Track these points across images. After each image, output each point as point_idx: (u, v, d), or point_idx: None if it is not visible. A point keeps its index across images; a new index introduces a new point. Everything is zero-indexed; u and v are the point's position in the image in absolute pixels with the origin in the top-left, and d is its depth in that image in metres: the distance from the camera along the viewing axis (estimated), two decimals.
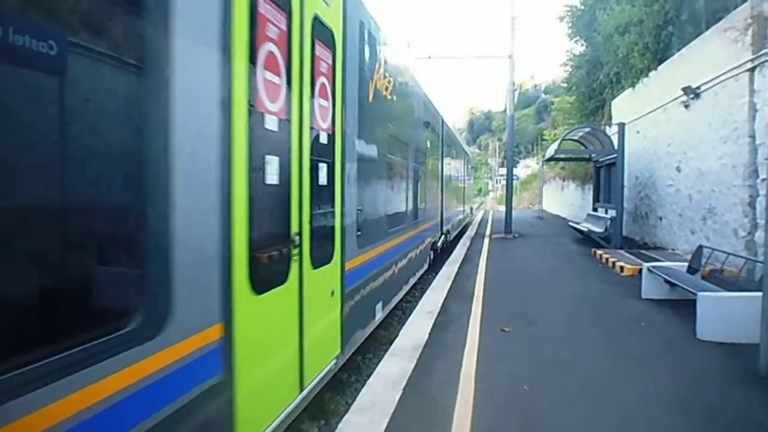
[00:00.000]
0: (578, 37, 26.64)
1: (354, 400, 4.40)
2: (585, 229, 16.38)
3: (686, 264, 8.31)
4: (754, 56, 9.75)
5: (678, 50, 13.89)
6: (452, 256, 13.28)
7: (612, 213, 14.85)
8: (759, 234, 9.43)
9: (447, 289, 8.93)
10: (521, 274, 10.78)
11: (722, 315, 6.12)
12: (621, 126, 14.60)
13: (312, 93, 4.11)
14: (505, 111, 20.03)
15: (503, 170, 39.05)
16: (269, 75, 3.35)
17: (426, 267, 11.18)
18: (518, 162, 68.76)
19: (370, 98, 6.04)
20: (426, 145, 11.20)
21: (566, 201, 31.21)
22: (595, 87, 23.71)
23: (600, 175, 17.89)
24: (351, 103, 5.22)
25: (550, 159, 20.71)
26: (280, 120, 3.56)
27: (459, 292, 8.74)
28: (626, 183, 15.55)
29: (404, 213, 8.55)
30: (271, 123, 3.43)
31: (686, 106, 12.65)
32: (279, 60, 3.50)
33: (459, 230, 19.49)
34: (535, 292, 8.93)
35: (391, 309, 7.61)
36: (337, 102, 4.77)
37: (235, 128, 2.88)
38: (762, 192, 9.47)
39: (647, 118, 15.50)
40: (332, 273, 4.70)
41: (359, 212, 5.55)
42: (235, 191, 2.90)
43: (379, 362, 5.36)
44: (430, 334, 6.23)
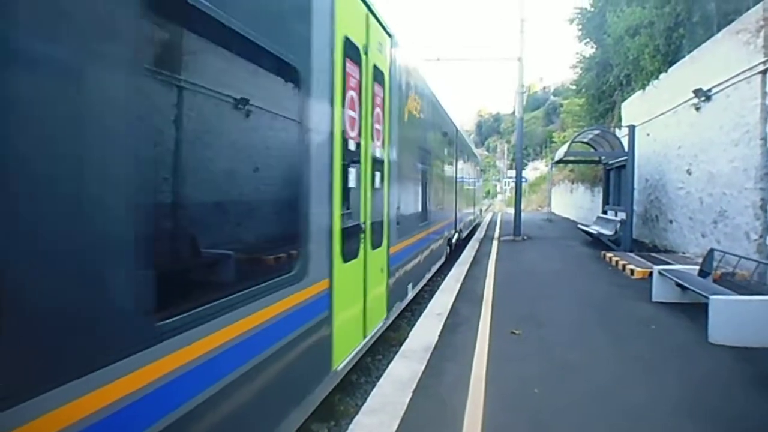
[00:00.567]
0: (588, 39, 26.57)
1: (364, 402, 4.41)
2: (594, 232, 16.31)
3: (697, 267, 8.27)
4: (767, 58, 9.69)
5: (689, 52, 13.83)
6: (461, 258, 13.27)
7: (622, 216, 14.78)
8: None
9: (456, 292, 8.93)
10: (530, 277, 10.76)
11: (734, 319, 6.09)
12: (631, 128, 14.53)
13: (371, 120, 5.47)
14: (514, 113, 20.01)
15: (512, 172, 38.92)
16: (350, 112, 4.74)
17: (443, 260, 12.26)
18: (527, 164, 68.49)
19: (405, 118, 7.38)
20: (444, 153, 12.29)
21: (575, 203, 31.08)
22: (605, 89, 23.63)
23: (610, 178, 17.80)
24: (393, 124, 6.53)
25: (560, 161, 20.64)
26: (356, 142, 4.92)
27: (468, 295, 8.74)
28: (636, 186, 15.47)
29: (427, 212, 9.72)
30: (351, 144, 4.77)
31: (697, 109, 12.58)
32: (355, 100, 4.88)
33: (470, 229, 20.72)
34: (545, 295, 8.90)
35: (401, 311, 7.71)
36: (385, 125, 6.14)
37: (335, 150, 4.31)
38: None
39: (657, 121, 15.42)
40: (382, 254, 6.08)
41: (398, 210, 6.87)
42: (335, 194, 4.30)
43: (389, 364, 5.37)
44: (440, 336, 6.23)
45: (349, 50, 4.78)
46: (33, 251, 1.67)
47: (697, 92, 12.25)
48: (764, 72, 9.79)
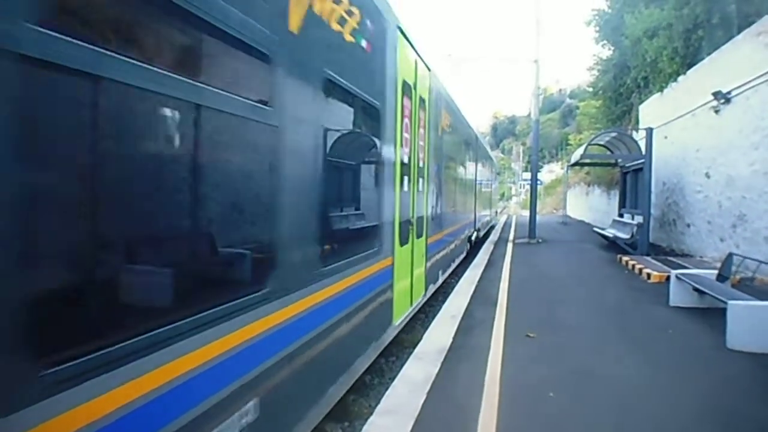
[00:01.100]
0: (605, 41, 26.36)
1: (378, 403, 4.42)
2: (610, 235, 16.17)
3: (715, 272, 8.16)
4: None
5: (708, 54, 13.67)
6: (475, 260, 13.24)
7: (638, 219, 14.63)
8: None
9: (470, 294, 8.91)
10: (545, 280, 10.70)
11: (753, 324, 6.00)
12: (649, 131, 14.39)
13: (417, 138, 6.92)
14: (530, 115, 19.93)
15: (527, 175, 38.71)
16: (405, 134, 6.25)
17: (465, 254, 13.90)
18: (542, 167, 67.96)
19: (439, 134, 8.91)
20: (465, 160, 13.82)
21: (591, 206, 30.83)
22: (622, 91, 23.44)
23: (626, 181, 17.63)
24: (431, 140, 8.00)
25: (576, 164, 20.50)
26: (408, 156, 6.45)
27: (482, 297, 8.72)
28: (653, 189, 15.30)
29: (453, 212, 11.39)
30: (405, 158, 6.30)
31: (716, 112, 12.43)
32: (408, 124, 6.38)
33: (486, 229, 22.31)
34: (560, 298, 8.85)
35: (415, 313, 7.79)
36: (426, 141, 7.60)
37: (396, 163, 5.86)
38: None
39: (676, 124, 15.26)
40: (423, 243, 7.67)
41: (433, 209, 8.43)
42: (397, 196, 5.92)
43: (403, 365, 5.37)
44: (454, 339, 6.23)
45: (405, 89, 6.30)
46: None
47: (717, 95, 12.10)
48: None
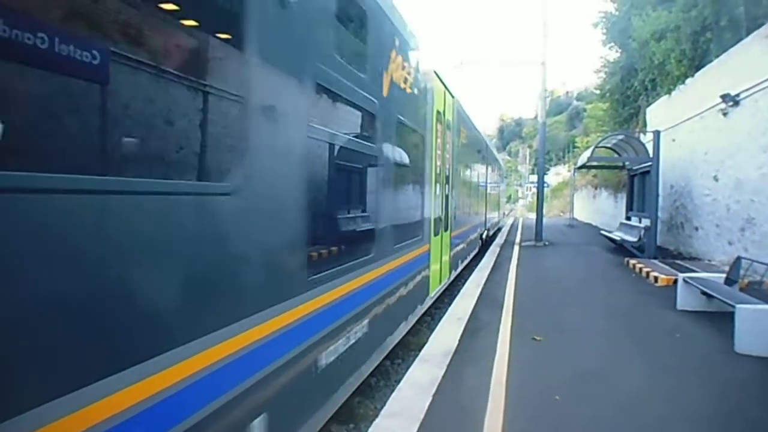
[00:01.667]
0: (612, 44, 26.26)
1: (383, 405, 4.42)
2: (618, 238, 16.11)
3: (724, 275, 8.11)
4: None
5: (716, 57, 13.60)
6: (482, 263, 13.22)
7: (646, 222, 14.57)
8: None
9: (477, 297, 8.90)
10: (552, 283, 10.67)
11: (762, 328, 5.96)
12: (656, 134, 14.32)
13: (444, 152, 8.78)
14: (536, 118, 19.90)
15: (533, 177, 38.61)
16: (438, 151, 8.14)
17: (477, 249, 15.77)
18: (549, 169, 67.73)
19: (459, 147, 10.88)
20: (477, 167, 15.73)
21: (598, 209, 30.71)
22: (630, 94, 23.33)
23: (634, 184, 17.56)
24: (453, 152, 9.97)
25: (583, 166, 20.45)
26: (439, 167, 8.32)
27: (489, 300, 8.70)
28: (661, 192, 15.23)
29: (468, 212, 13.39)
30: (437, 169, 8.18)
31: (724, 114, 12.36)
32: (439, 143, 8.27)
33: (495, 230, 23.79)
34: (567, 301, 8.82)
35: (421, 315, 7.83)
36: (450, 154, 9.54)
37: (432, 173, 7.72)
38: None
39: (683, 126, 15.18)
40: (448, 236, 9.55)
41: (455, 209, 10.29)
42: (432, 198, 7.68)
43: (409, 368, 5.37)
44: (460, 341, 6.22)
45: (438, 116, 8.18)
46: None
47: (725, 97, 12.03)
48: None
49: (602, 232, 19.48)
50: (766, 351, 5.82)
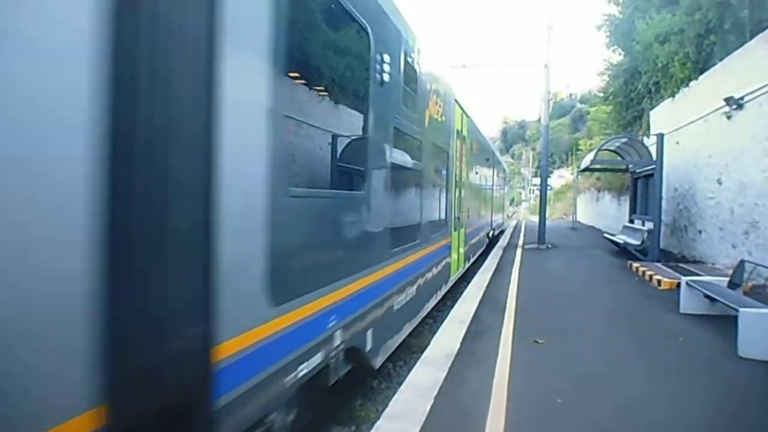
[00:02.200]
0: (616, 47, 26.18)
1: (385, 408, 4.41)
2: (621, 241, 16.08)
3: (727, 279, 8.08)
4: None
5: (720, 60, 13.58)
6: (484, 266, 13.21)
7: (649, 225, 14.53)
8: None
9: (479, 299, 8.88)
10: (555, 286, 10.65)
11: (765, 332, 5.92)
12: (660, 137, 14.30)
13: (461, 163, 10.61)
14: (540, 120, 19.87)
15: (537, 180, 38.55)
16: (457, 162, 10.14)
17: (484, 247, 17.30)
18: (552, 172, 67.55)
19: (471, 156, 12.69)
20: (485, 173, 17.21)
21: (601, 212, 30.66)
22: (633, 97, 23.26)
23: (637, 187, 17.52)
24: (467, 161, 11.88)
25: (586, 169, 20.41)
26: (458, 175, 10.27)
27: (491, 302, 8.68)
28: (664, 195, 15.19)
29: (478, 213, 15.00)
30: (457, 177, 10.14)
31: (728, 117, 12.34)
32: (458, 155, 10.22)
33: (499, 230, 25.09)
34: (569, 304, 8.81)
35: (423, 318, 7.93)
36: (465, 163, 11.40)
37: (453, 180, 9.72)
38: None
39: (687, 129, 15.16)
40: (463, 232, 11.25)
41: (468, 210, 12.09)
42: (453, 200, 9.75)
43: (410, 370, 5.36)
44: (462, 344, 6.20)
45: (457, 134, 10.11)
46: None
47: (729, 100, 12.01)
48: None
49: (605, 235, 19.43)
50: None
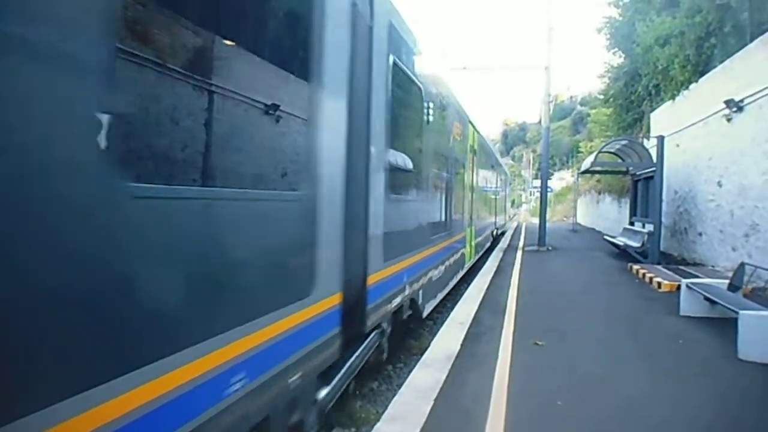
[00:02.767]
0: (616, 49, 26.24)
1: (385, 410, 4.41)
2: (621, 244, 16.08)
3: (727, 281, 8.07)
4: None
5: (720, 62, 13.59)
6: (484, 268, 13.20)
7: (649, 227, 14.53)
8: None
9: (479, 301, 8.88)
10: (555, 288, 10.65)
11: (765, 334, 5.92)
12: (660, 139, 14.31)
13: (473, 171, 13.05)
14: (540, 122, 19.90)
15: (537, 182, 38.55)
16: (469, 171, 12.51)
17: (491, 243, 19.64)
18: (552, 174, 67.56)
19: (481, 165, 14.83)
20: (491, 178, 19.44)
21: (601, 214, 30.66)
22: (633, 99, 23.30)
23: (637, 189, 17.53)
24: (477, 169, 13.80)
25: (586, 171, 20.43)
26: (471, 180, 12.75)
27: (491, 304, 8.69)
28: (664, 197, 15.20)
29: (485, 213, 17.34)
30: (471, 182, 12.67)
31: (728, 120, 12.35)
32: (471, 165, 12.59)
33: (502, 230, 27.19)
34: (569, 306, 8.81)
35: (423, 320, 7.99)
36: (476, 170, 13.59)
37: (468, 185, 12.32)
38: None
39: (687, 132, 15.17)
40: (474, 228, 13.16)
41: (477, 210, 13.99)
42: (467, 201, 12.17)
43: (410, 372, 5.36)
44: (462, 345, 6.20)
45: (470, 148, 12.30)
46: None
47: (729, 103, 12.02)
48: None
49: (605, 237, 19.43)
50: None
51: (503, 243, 20.98)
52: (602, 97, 32.16)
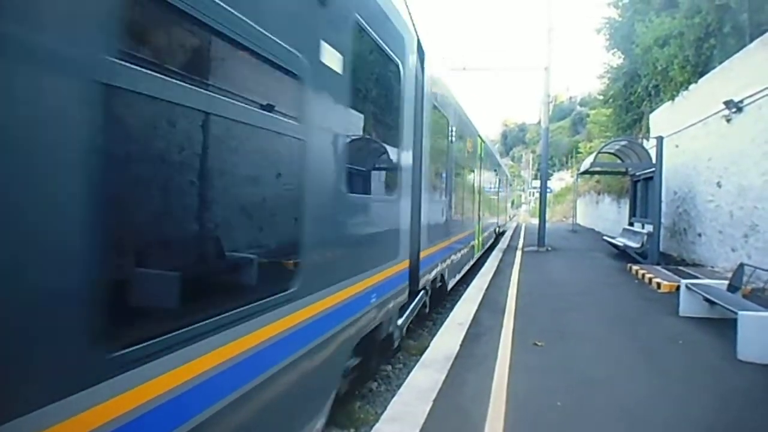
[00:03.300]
0: (616, 50, 26.23)
1: (384, 410, 4.41)
2: (620, 244, 16.09)
3: (726, 282, 8.08)
4: None
5: (720, 63, 13.60)
6: (484, 268, 13.21)
7: (649, 228, 14.54)
8: None
9: (479, 301, 8.88)
10: (554, 288, 10.65)
11: (764, 335, 5.93)
12: (659, 140, 14.31)
13: (481, 176, 15.25)
14: (540, 123, 19.92)
15: (536, 182, 38.58)
16: (478, 177, 14.61)
17: (494, 239, 21.71)
18: (552, 175, 67.43)
19: (487, 171, 17.31)
20: (495, 182, 21.97)
21: (601, 215, 30.67)
22: (633, 100, 23.29)
23: (637, 190, 17.53)
24: (484, 174, 16.03)
25: (586, 172, 20.44)
26: (478, 185, 14.71)
27: (491, 305, 8.69)
28: (664, 198, 15.20)
29: (489, 213, 18.88)
30: (478, 187, 14.63)
31: (728, 121, 12.36)
32: (479, 171, 14.72)
33: (503, 229, 28.99)
34: (569, 307, 8.81)
35: (423, 320, 8.04)
36: (483, 175, 15.91)
37: (477, 189, 14.38)
38: None
39: (686, 132, 15.17)
40: (481, 225, 15.28)
41: (483, 209, 15.84)
42: (476, 202, 14.28)
43: (410, 373, 5.36)
44: (462, 346, 6.20)
45: (479, 157, 14.38)
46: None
47: (728, 104, 12.03)
48: None
49: (605, 238, 19.43)
50: None
51: (503, 243, 20.98)
52: (602, 98, 32.14)
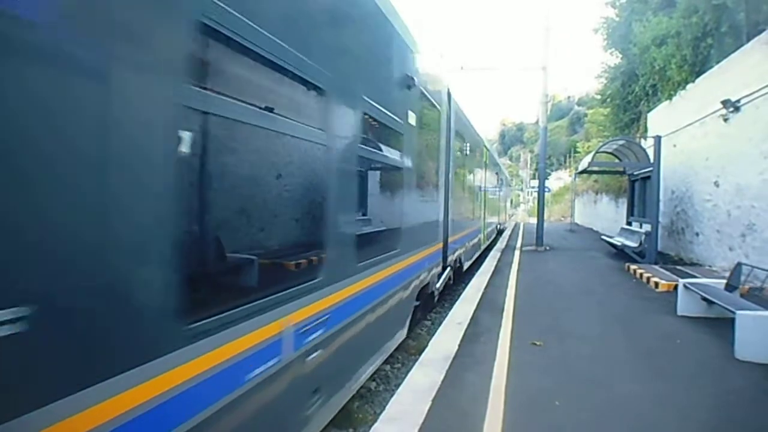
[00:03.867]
0: (613, 49, 26.27)
1: (383, 410, 4.41)
2: (618, 244, 16.10)
3: (724, 281, 8.10)
4: None
5: (717, 63, 13.62)
6: (482, 268, 13.22)
7: (647, 227, 14.56)
8: None
9: (477, 301, 8.88)
10: (552, 288, 10.66)
11: (762, 335, 5.94)
12: (657, 139, 14.33)
13: (486, 180, 17.53)
14: (538, 122, 19.96)
15: (535, 182, 38.67)
16: (483, 180, 16.55)
17: (495, 235, 23.98)
18: (550, 174, 67.49)
19: (491, 176, 20.25)
20: (497, 185, 24.49)
21: (599, 214, 30.70)
22: (631, 99, 23.33)
23: (634, 189, 17.55)
24: (488, 177, 18.22)
25: (584, 171, 20.45)
26: (483, 189, 16.75)
27: (489, 304, 8.69)
28: (662, 197, 15.21)
29: (492, 212, 20.62)
30: (483, 189, 16.71)
31: (725, 120, 12.37)
32: (484, 176, 16.89)
33: (502, 226, 31.16)
34: (567, 307, 8.82)
35: (421, 320, 7.96)
36: (488, 178, 18.13)
37: (486, 193, 17.44)
38: None
39: (684, 132, 15.19)
40: (485, 222, 17.33)
41: (487, 208, 17.89)
42: (483, 202, 16.61)
43: (408, 372, 5.36)
44: (460, 346, 6.20)
45: (484, 163, 16.61)
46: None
47: (726, 103, 12.04)
48: None
49: (603, 237, 19.44)
50: (767, 357, 5.81)
51: (501, 243, 20.98)
52: (599, 97, 32.16)
